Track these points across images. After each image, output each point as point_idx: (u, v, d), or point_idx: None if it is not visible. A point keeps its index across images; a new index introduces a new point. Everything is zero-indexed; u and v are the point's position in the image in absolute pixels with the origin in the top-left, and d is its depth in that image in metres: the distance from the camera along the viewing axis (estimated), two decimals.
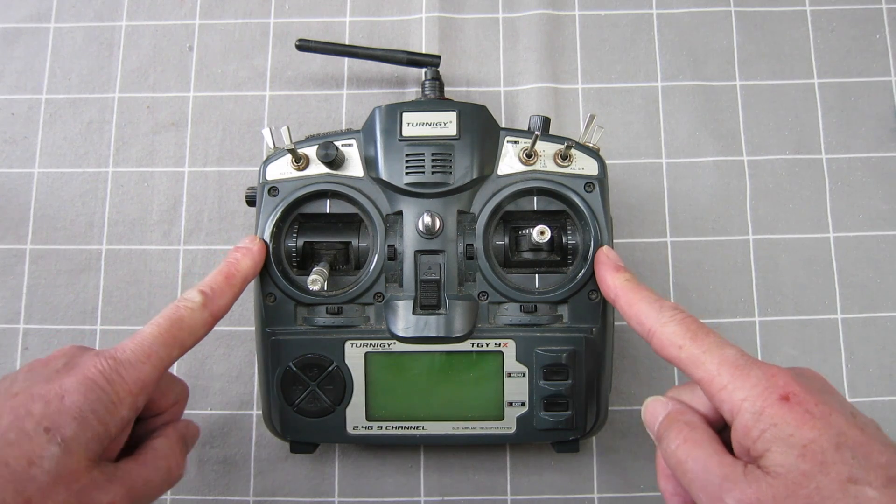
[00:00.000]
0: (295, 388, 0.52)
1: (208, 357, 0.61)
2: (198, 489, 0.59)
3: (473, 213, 0.51)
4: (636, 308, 0.43)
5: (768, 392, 0.34)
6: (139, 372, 0.39)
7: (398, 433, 0.52)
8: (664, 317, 0.40)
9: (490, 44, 0.66)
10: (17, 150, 0.65)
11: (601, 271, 0.48)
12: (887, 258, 0.62)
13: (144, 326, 0.42)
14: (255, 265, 0.49)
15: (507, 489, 0.59)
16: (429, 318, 0.50)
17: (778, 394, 0.34)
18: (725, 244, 0.62)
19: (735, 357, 0.37)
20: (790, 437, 0.33)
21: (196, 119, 0.65)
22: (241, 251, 0.49)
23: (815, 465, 0.32)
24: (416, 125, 0.51)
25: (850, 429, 0.33)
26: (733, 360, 0.37)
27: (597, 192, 0.51)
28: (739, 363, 0.36)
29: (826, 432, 0.32)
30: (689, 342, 0.38)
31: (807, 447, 0.32)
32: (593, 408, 0.52)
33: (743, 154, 0.64)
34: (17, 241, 0.63)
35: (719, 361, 0.37)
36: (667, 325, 0.40)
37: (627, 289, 0.45)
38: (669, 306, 0.41)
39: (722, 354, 0.37)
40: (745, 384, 0.35)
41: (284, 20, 0.67)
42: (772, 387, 0.35)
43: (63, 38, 0.67)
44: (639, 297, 0.43)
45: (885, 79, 0.65)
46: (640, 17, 0.67)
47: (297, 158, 0.52)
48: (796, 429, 0.33)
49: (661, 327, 0.40)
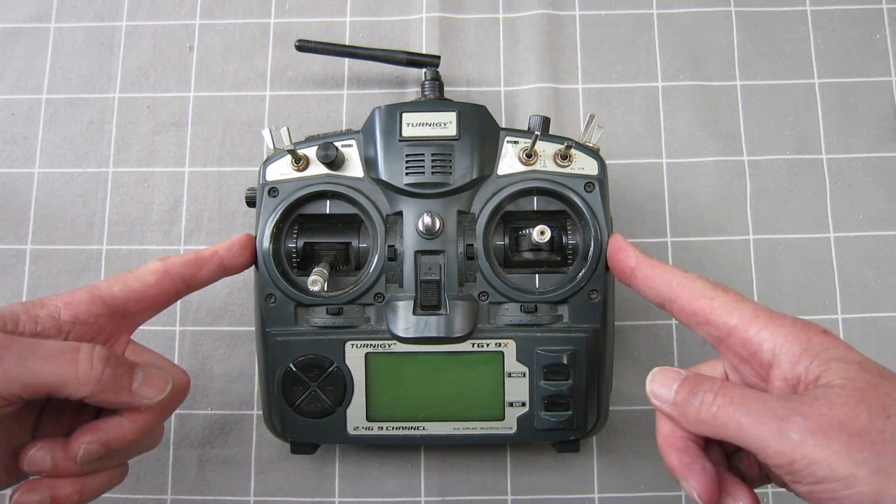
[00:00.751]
0: (295, 388, 0.51)
1: (208, 357, 0.61)
2: (198, 489, 0.59)
3: (473, 214, 0.51)
4: (659, 270, 0.44)
5: (809, 327, 0.37)
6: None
7: (398, 434, 0.52)
8: (690, 276, 0.42)
9: (490, 44, 0.66)
10: (18, 150, 0.65)
11: (619, 245, 0.48)
12: (888, 258, 0.62)
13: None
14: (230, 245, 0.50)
15: (508, 489, 0.59)
16: (429, 318, 0.50)
17: (817, 330, 0.37)
18: (726, 244, 0.62)
19: (764, 308, 0.38)
20: (844, 356, 0.35)
21: (196, 119, 0.65)
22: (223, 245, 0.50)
23: (875, 375, 0.34)
24: (415, 125, 0.51)
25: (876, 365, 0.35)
26: (764, 309, 0.38)
27: (597, 191, 0.51)
28: (771, 311, 0.38)
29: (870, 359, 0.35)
30: (720, 293, 0.40)
31: (862, 363, 0.34)
32: (594, 408, 0.52)
33: (743, 154, 0.64)
34: (17, 241, 0.63)
35: (753, 308, 0.38)
36: (696, 281, 0.41)
37: (646, 258, 0.46)
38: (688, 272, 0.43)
39: (753, 303, 0.39)
40: (785, 323, 0.37)
41: (284, 20, 0.67)
42: (810, 325, 0.37)
43: (63, 38, 0.67)
44: (660, 263, 0.44)
45: (885, 79, 0.65)
46: (641, 17, 0.67)
47: (296, 159, 0.52)
48: (847, 352, 0.35)
49: (690, 283, 0.41)
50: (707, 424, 0.36)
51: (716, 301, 0.39)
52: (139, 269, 0.45)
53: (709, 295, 0.40)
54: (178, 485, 0.59)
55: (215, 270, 0.49)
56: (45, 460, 0.38)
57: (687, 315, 0.41)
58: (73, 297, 0.42)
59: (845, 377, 0.33)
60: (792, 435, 0.32)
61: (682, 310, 0.41)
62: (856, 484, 0.30)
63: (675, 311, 0.42)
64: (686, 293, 0.41)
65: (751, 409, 0.34)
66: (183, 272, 0.47)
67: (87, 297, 0.43)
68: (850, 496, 0.31)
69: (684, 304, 0.41)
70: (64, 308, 0.42)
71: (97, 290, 0.43)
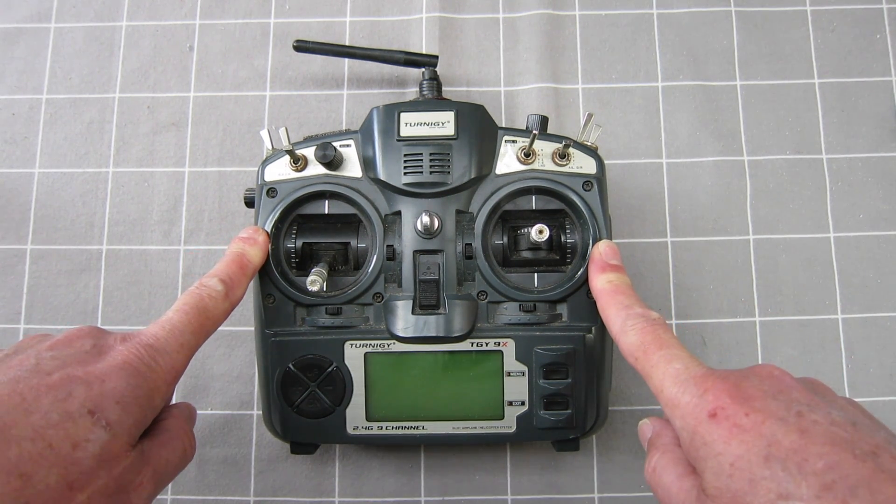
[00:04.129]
0: (295, 388, 0.52)
1: (208, 357, 0.61)
2: (198, 489, 0.59)
3: (472, 213, 0.51)
4: (606, 313, 0.43)
5: (698, 410, 0.34)
6: (174, 361, 0.39)
7: (398, 433, 0.52)
8: (627, 325, 0.40)
9: (490, 44, 0.66)
10: (18, 150, 0.65)
11: (589, 270, 0.48)
12: (888, 258, 0.62)
13: (171, 313, 0.41)
14: (262, 255, 0.49)
15: (508, 489, 0.59)
16: (428, 317, 0.50)
17: (707, 410, 0.33)
18: (726, 244, 0.62)
19: (678, 372, 0.36)
20: (719, 455, 0.32)
21: (196, 119, 0.65)
22: (248, 241, 0.49)
23: (744, 484, 0.31)
24: (413, 125, 0.51)
25: (786, 435, 0.31)
26: (674, 375, 0.36)
27: (595, 190, 0.51)
28: (681, 378, 0.35)
29: (755, 445, 0.31)
30: (641, 355, 0.38)
31: (734, 465, 0.31)
32: (593, 406, 0.52)
33: (743, 154, 0.64)
34: (17, 241, 0.63)
35: (662, 377, 0.36)
36: (627, 335, 0.40)
37: (605, 292, 0.45)
38: (636, 314, 0.41)
39: (666, 370, 0.36)
40: (681, 402, 0.35)
41: (284, 20, 0.67)
42: (702, 404, 0.34)
43: (63, 39, 0.67)
44: (611, 302, 0.43)
45: (885, 79, 0.65)
46: (641, 17, 0.67)
47: (295, 159, 0.52)
48: (724, 446, 0.32)
49: (622, 336, 0.40)
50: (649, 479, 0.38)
51: (638, 364, 0.39)
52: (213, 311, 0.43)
53: (634, 355, 0.39)
54: (178, 485, 0.60)
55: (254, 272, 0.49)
56: None
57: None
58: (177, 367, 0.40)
59: (715, 487, 0.32)
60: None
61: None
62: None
63: None
64: (619, 348, 0.41)
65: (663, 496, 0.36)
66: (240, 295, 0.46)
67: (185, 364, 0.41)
68: None
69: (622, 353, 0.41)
70: (173, 388, 0.41)
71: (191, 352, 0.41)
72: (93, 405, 0.34)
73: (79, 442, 0.33)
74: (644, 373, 0.38)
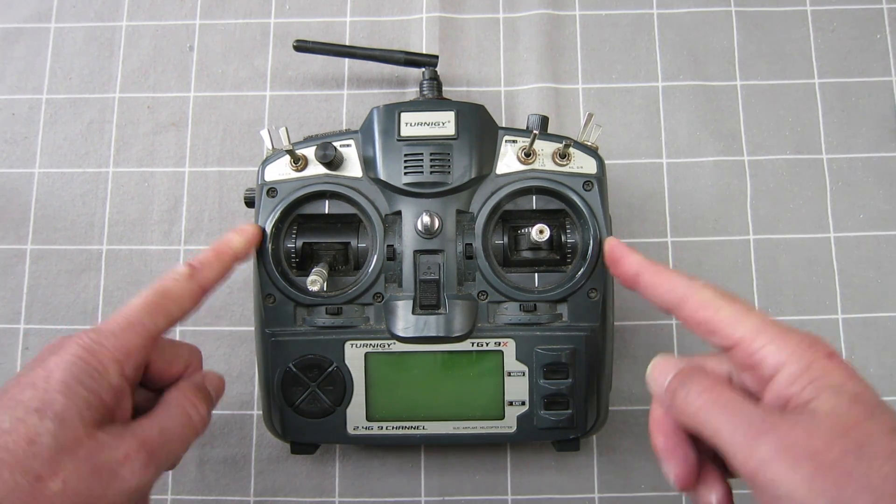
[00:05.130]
0: (295, 388, 0.52)
1: (209, 357, 0.61)
2: (198, 489, 0.59)
3: (472, 213, 0.51)
4: (664, 277, 0.43)
5: (814, 349, 0.35)
6: (121, 340, 0.40)
7: (398, 433, 0.52)
8: (697, 284, 0.41)
9: (490, 44, 0.66)
10: (18, 150, 0.65)
11: (617, 252, 0.47)
12: (888, 258, 0.62)
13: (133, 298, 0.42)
14: (246, 244, 0.49)
15: (508, 489, 0.59)
16: (428, 317, 0.50)
17: (823, 352, 0.35)
18: (726, 244, 0.62)
19: (771, 320, 0.38)
20: (841, 386, 0.33)
21: (196, 119, 0.65)
22: (236, 231, 0.49)
23: (865, 412, 0.32)
24: (414, 125, 0.51)
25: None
26: (771, 321, 0.37)
27: (595, 190, 0.51)
28: (778, 324, 0.37)
29: (869, 389, 0.34)
30: (726, 304, 0.39)
31: (856, 396, 0.33)
32: (594, 406, 0.52)
33: (743, 154, 0.64)
34: (17, 241, 0.63)
35: (760, 320, 0.37)
36: (702, 290, 0.40)
37: (650, 263, 0.45)
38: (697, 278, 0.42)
39: (760, 315, 0.38)
40: (790, 341, 0.36)
41: (285, 20, 0.67)
42: (816, 345, 0.35)
43: (63, 38, 0.67)
44: (665, 269, 0.44)
45: (885, 79, 0.65)
46: (641, 17, 0.67)
47: (295, 159, 0.52)
48: (846, 381, 0.34)
49: (695, 292, 0.40)
50: (688, 418, 0.37)
51: (721, 312, 0.39)
52: (175, 291, 0.43)
53: (714, 305, 0.39)
54: (179, 485, 0.60)
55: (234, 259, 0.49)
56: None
57: (692, 324, 0.40)
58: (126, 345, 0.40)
59: (832, 409, 0.33)
60: (762, 449, 0.32)
61: (687, 318, 0.41)
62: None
63: (681, 318, 0.42)
64: (691, 302, 0.40)
65: (731, 416, 0.34)
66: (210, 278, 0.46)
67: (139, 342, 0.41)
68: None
69: (690, 312, 0.40)
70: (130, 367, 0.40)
71: (145, 331, 0.41)
72: (39, 403, 0.36)
73: (33, 438, 0.35)
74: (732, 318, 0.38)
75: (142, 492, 0.38)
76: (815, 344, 0.36)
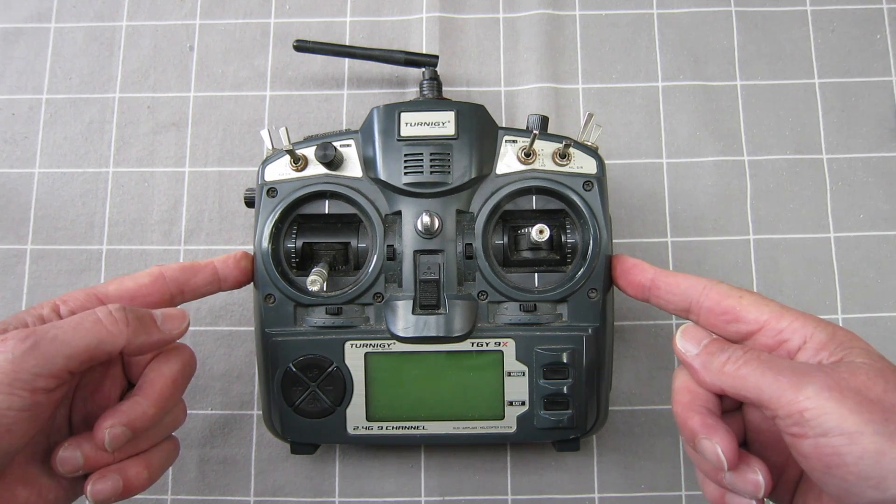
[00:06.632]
0: (295, 388, 0.52)
1: (208, 357, 0.61)
2: (198, 489, 0.59)
3: (472, 213, 0.51)
4: (680, 277, 0.45)
5: (832, 325, 0.39)
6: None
7: (398, 433, 0.52)
8: (712, 280, 0.44)
9: (490, 44, 0.66)
10: (18, 150, 0.65)
11: (629, 263, 0.49)
12: (888, 258, 0.62)
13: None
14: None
15: (508, 489, 0.59)
16: (428, 317, 0.50)
17: (840, 327, 0.40)
18: (726, 244, 0.62)
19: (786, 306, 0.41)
20: (865, 349, 0.38)
21: (196, 119, 0.65)
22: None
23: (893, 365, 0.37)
24: (414, 125, 0.51)
25: None
26: (787, 307, 0.41)
27: (595, 190, 0.51)
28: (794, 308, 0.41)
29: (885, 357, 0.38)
30: (746, 293, 0.42)
31: (881, 356, 0.37)
32: (594, 406, 0.52)
33: (743, 154, 0.64)
34: (17, 242, 0.63)
35: (779, 305, 0.41)
36: (719, 284, 0.44)
37: (660, 269, 0.47)
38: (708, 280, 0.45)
39: (776, 302, 0.42)
40: (810, 319, 0.40)
41: (285, 20, 0.67)
42: (832, 323, 0.40)
43: (64, 38, 0.67)
44: (676, 272, 0.46)
45: (885, 79, 0.65)
46: (641, 17, 0.67)
47: (295, 159, 0.52)
48: (867, 346, 0.38)
49: (714, 285, 0.44)
50: (728, 377, 0.38)
51: (744, 300, 0.42)
52: (137, 273, 0.48)
53: (736, 295, 0.42)
54: (178, 485, 0.60)
55: (209, 279, 0.50)
56: (75, 457, 0.40)
57: (716, 315, 0.43)
58: (69, 296, 0.44)
59: (867, 359, 0.36)
60: (809, 389, 0.34)
61: (710, 310, 0.43)
62: (860, 440, 0.32)
63: (701, 313, 0.44)
64: (713, 294, 0.43)
65: (774, 368, 0.37)
66: (177, 276, 0.48)
67: (82, 296, 0.44)
68: (853, 451, 0.33)
69: (713, 304, 0.43)
70: (62, 304, 0.43)
71: (93, 290, 0.45)
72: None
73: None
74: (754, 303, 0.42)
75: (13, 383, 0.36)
76: (831, 323, 0.40)
